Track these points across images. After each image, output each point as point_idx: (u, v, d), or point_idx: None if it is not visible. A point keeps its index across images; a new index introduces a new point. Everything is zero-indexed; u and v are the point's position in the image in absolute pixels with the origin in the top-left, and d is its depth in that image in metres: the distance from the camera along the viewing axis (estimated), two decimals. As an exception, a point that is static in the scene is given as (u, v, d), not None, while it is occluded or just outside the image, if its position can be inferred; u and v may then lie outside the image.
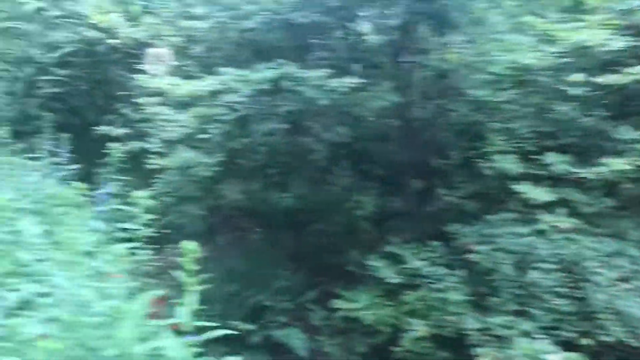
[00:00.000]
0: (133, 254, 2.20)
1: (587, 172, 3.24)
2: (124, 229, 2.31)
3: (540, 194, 3.29)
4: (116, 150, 2.37)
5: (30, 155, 4.71)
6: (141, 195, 2.17)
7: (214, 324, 1.96)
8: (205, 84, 2.83)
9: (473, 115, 3.59)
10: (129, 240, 2.24)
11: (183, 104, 3.86)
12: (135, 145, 5.05)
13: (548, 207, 3.37)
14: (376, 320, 3.52)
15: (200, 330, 1.94)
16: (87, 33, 4.55)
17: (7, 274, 2.19)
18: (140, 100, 5.44)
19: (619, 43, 3.06)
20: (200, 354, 1.82)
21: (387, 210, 3.96)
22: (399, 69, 3.75)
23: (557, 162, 3.37)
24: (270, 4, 3.20)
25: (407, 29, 3.60)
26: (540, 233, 3.37)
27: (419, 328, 3.25)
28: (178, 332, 1.91)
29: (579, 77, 3.21)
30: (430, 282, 3.41)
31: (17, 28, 5.95)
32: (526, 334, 2.99)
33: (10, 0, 6.49)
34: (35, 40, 5.90)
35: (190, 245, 2.03)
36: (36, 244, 2.60)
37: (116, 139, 5.42)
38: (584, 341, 3.04)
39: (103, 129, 5.11)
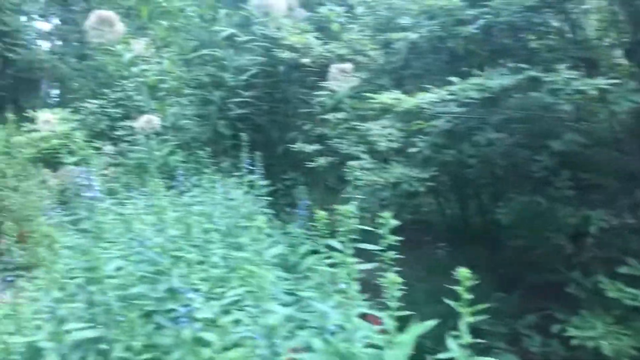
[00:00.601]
0: (380, 276, 2.10)
1: None
2: (364, 249, 2.22)
3: None
4: (353, 170, 2.28)
5: (229, 173, 4.95)
6: (386, 216, 2.05)
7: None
8: (432, 96, 2.69)
9: None
10: (374, 262, 2.14)
11: (382, 117, 3.78)
12: (327, 160, 5.13)
13: None
14: (616, 351, 3.10)
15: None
16: (281, 54, 4.68)
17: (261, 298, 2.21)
18: (329, 116, 5.51)
19: None
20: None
21: (616, 225, 3.52)
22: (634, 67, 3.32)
23: None
24: (499, 6, 2.97)
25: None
26: None
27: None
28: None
29: None
30: None
31: (209, 55, 6.37)
32: None
33: (200, 29, 7.02)
34: (226, 65, 6.28)
35: (464, 272, 1.88)
36: (275, 264, 2.64)
37: (308, 155, 5.54)
38: None
39: (298, 145, 5.22)
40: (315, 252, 3.20)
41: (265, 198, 4.75)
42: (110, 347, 2.36)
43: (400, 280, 1.75)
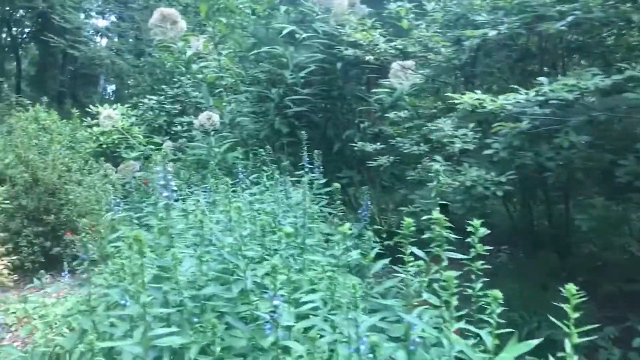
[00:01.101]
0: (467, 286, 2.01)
1: None
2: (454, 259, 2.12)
3: None
4: (437, 173, 2.18)
5: (288, 171, 4.90)
6: (476, 223, 1.95)
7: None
8: (519, 97, 2.55)
9: None
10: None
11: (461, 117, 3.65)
12: (388, 160, 5.04)
13: None
14: None
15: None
16: (344, 51, 4.61)
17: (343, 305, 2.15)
18: (391, 114, 5.40)
19: None
20: None
21: None
22: None
23: None
24: (591, 2, 2.80)
25: None
26: None
27: None
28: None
29: None
30: None
31: (268, 52, 6.36)
32: None
33: (257, 25, 7.02)
34: (285, 62, 6.26)
35: (572, 289, 1.77)
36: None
37: (365, 153, 5.45)
38: None
39: (359, 144, 5.15)
40: (382, 256, 3.11)
41: (324, 197, 4.71)
42: (185, 348, 2.34)
43: (501, 295, 1.65)
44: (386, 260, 2.89)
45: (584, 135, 2.97)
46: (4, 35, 19.67)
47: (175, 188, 2.52)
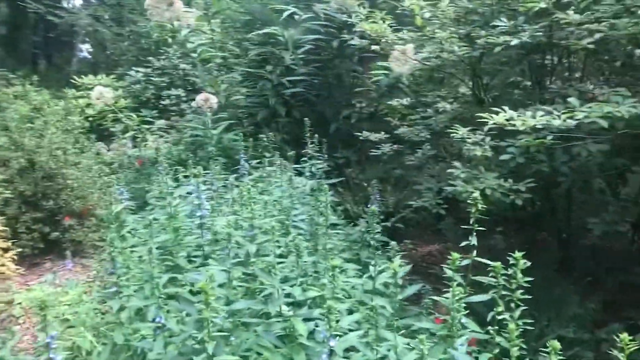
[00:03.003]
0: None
1: None
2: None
3: None
4: (463, 189, 2.19)
5: (289, 155, 4.86)
6: (518, 257, 2.01)
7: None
8: (555, 123, 2.54)
9: None
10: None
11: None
12: (391, 148, 5.06)
13: None
14: None
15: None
16: (352, 42, 4.55)
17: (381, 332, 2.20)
18: (393, 102, 5.38)
19: None
20: None
21: None
22: None
23: None
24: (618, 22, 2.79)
25: None
26: None
27: None
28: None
29: None
30: None
31: (270, 34, 6.24)
32: None
33: (253, 2, 6.87)
34: (282, 41, 6.16)
35: (626, 339, 1.83)
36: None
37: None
38: None
39: (364, 134, 5.15)
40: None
41: (328, 182, 4.73)
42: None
43: (559, 346, 1.70)
44: (418, 286, 2.87)
45: (602, 144, 3.01)
46: (-29, -7, 18.80)
47: (208, 207, 2.51)
